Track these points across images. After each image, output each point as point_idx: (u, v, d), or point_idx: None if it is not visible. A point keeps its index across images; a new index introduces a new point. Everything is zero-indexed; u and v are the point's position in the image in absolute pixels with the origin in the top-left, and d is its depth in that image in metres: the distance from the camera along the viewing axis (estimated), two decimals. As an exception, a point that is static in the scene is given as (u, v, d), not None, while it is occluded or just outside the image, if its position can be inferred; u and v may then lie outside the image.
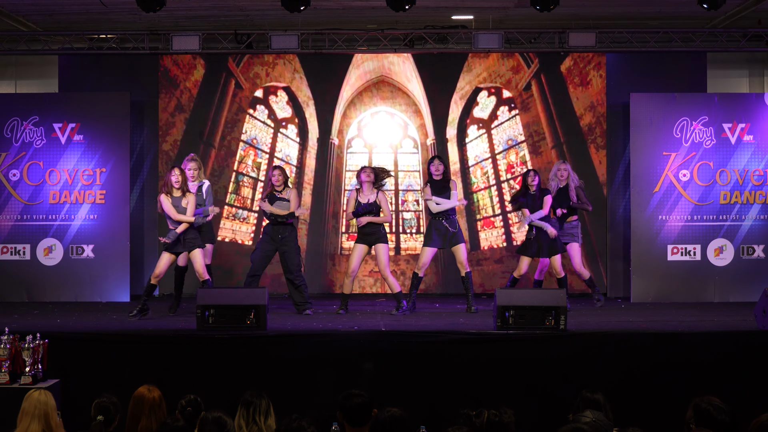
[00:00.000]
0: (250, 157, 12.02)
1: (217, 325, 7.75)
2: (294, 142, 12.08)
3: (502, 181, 12.07)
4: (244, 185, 11.98)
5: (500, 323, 7.75)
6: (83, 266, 11.00)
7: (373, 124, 12.12)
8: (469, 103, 11.99)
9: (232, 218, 11.95)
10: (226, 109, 11.92)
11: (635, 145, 11.02)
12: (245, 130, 12.00)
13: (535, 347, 7.60)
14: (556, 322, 7.69)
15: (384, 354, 7.57)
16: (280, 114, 12.08)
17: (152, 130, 11.59)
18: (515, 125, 11.97)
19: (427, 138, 12.13)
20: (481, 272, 11.83)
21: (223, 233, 11.82)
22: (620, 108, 11.42)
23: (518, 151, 12.00)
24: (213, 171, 11.81)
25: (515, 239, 11.81)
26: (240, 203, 12.01)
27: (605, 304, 10.17)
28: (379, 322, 8.53)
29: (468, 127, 12.00)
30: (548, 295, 7.89)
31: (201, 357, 7.55)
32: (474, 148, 11.99)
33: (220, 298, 7.87)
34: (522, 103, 11.99)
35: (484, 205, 12.02)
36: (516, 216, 11.64)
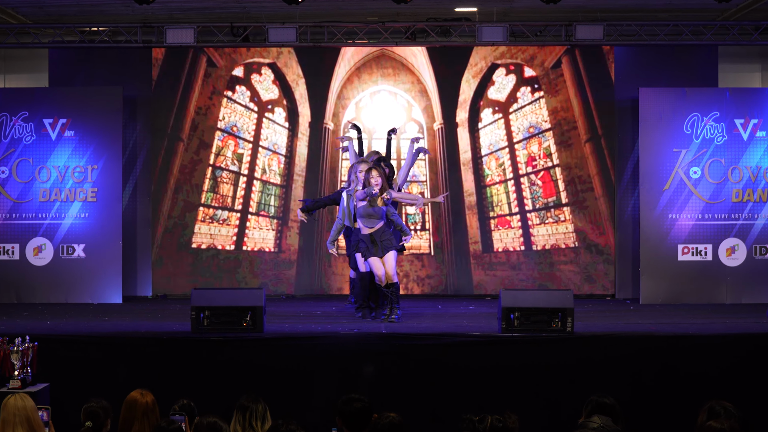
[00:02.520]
0: (229, 147, 11.56)
1: (213, 328, 7.74)
2: (282, 128, 11.61)
3: (522, 174, 11.52)
4: (223, 181, 11.55)
5: (505, 325, 7.74)
6: (74, 266, 10.97)
7: (372, 105, 11.60)
8: (484, 82, 11.46)
9: (209, 221, 11.60)
10: (196, 92, 11.42)
11: (644, 141, 10.99)
12: (222, 117, 11.51)
13: (541, 350, 7.58)
14: (562, 325, 7.67)
15: (385, 357, 7.56)
16: (264, 95, 11.56)
17: (145, 126, 11.55)
18: (539, 110, 11.43)
19: (435, 122, 11.57)
20: (493, 278, 11.44)
21: (198, 239, 11.60)
22: (629, 103, 11.39)
23: (542, 141, 11.48)
24: (182, 168, 11.48)
25: (535, 243, 11.50)
26: (219, 202, 11.61)
27: (614, 306, 10.15)
28: (380, 324, 8.51)
29: (481, 110, 11.51)
30: (555, 296, 7.88)
31: (196, 360, 7.54)
32: (488, 136, 11.52)
33: (216, 299, 7.86)
34: (549, 84, 11.40)
35: (498, 202, 11.55)
36: (537, 216, 11.37)
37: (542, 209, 11.64)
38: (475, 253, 11.54)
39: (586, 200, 11.57)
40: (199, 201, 11.57)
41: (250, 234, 11.67)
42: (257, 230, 11.69)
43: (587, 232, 11.52)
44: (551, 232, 11.62)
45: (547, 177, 11.63)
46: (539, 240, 11.55)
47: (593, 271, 11.48)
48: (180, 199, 11.57)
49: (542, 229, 11.62)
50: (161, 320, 9.02)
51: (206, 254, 11.53)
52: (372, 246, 8.61)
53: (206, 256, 11.53)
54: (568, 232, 11.58)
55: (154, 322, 8.82)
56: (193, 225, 11.55)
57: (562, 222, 11.59)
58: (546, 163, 11.56)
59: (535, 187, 11.66)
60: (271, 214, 11.72)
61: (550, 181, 11.64)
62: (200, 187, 11.57)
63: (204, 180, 11.57)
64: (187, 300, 8.66)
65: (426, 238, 11.64)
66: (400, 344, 7.63)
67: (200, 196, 11.57)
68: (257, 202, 11.77)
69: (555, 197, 11.62)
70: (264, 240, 11.67)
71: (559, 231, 11.59)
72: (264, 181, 11.76)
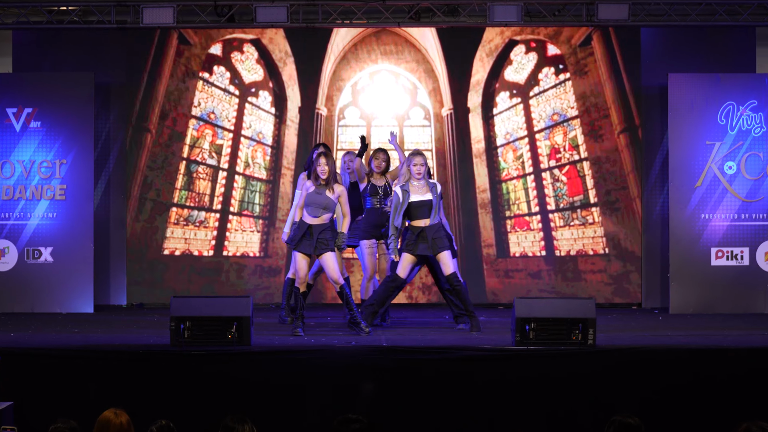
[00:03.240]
0: (206, 138, 11.44)
1: (194, 340, 7.73)
2: (268, 115, 11.48)
3: (543, 169, 11.38)
4: (200, 177, 11.43)
5: (519, 338, 7.73)
6: (40, 272, 10.97)
7: (372, 87, 11.50)
8: (500, 61, 11.34)
9: (184, 223, 11.51)
10: (166, 74, 11.32)
11: (674, 133, 10.99)
12: (197, 102, 11.40)
13: (559, 365, 7.58)
14: (583, 337, 7.67)
15: (385, 373, 7.56)
16: (247, 77, 11.44)
17: (119, 116, 11.55)
18: (564, 95, 11.32)
19: (443, 107, 11.45)
20: (509, 287, 11.34)
21: (171, 245, 11.49)
22: (657, 90, 11.39)
23: (567, 131, 11.39)
24: (150, 163, 11.36)
25: (559, 247, 11.37)
26: (194, 202, 11.48)
27: (640, 316, 10.14)
28: (380, 336, 8.51)
29: (497, 93, 11.38)
30: (575, 305, 7.87)
31: (175, 376, 7.53)
32: (504, 123, 11.40)
33: (198, 308, 7.85)
34: (577, 65, 11.27)
35: (516, 200, 11.43)
36: (560, 217, 11.25)
37: (567, 209, 11.57)
38: (489, 257, 11.50)
39: (619, 200, 11.48)
40: (171, 201, 11.49)
41: (231, 237, 11.62)
42: (240, 233, 11.64)
43: (620, 238, 11.42)
44: (577, 236, 11.53)
45: (573, 172, 11.55)
46: (563, 245, 11.48)
47: (626, 283, 11.42)
48: (148, 199, 11.49)
49: (566, 233, 11.54)
50: (137, 332, 9.02)
51: (181, 262, 11.47)
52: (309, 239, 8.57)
53: (181, 265, 11.47)
54: (596, 236, 11.41)
55: (130, 334, 8.82)
56: (164, 229, 11.48)
57: (590, 225, 11.49)
58: (572, 157, 11.48)
59: (559, 183, 11.58)
60: (255, 214, 11.68)
61: (576, 177, 11.55)
62: (172, 185, 11.48)
63: (177, 176, 11.48)
64: (165, 309, 8.65)
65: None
66: (402, 359, 7.62)
67: (172, 195, 11.48)
68: (239, 201, 11.67)
69: (582, 196, 11.54)
70: (248, 244, 11.61)
71: (586, 235, 11.49)
72: (247, 176, 11.70)
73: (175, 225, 11.46)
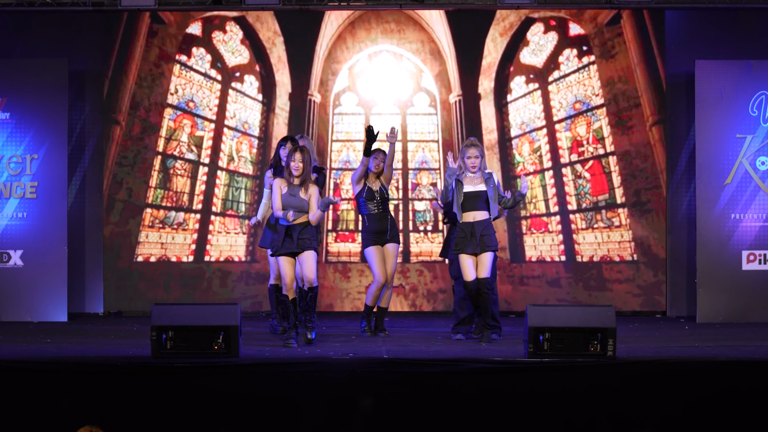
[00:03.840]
0: (184, 129, 11.36)
1: (177, 351, 7.73)
2: (254, 102, 11.40)
3: (564, 164, 11.30)
4: (177, 174, 11.38)
5: (533, 349, 7.73)
6: (9, 277, 10.98)
7: (371, 71, 11.43)
8: (515, 41, 11.23)
9: (160, 226, 11.43)
10: (138, 58, 11.21)
11: (701, 125, 10.98)
12: (174, 89, 11.32)
13: (576, 379, 7.58)
14: (602, 348, 7.66)
15: (386, 387, 7.56)
16: (231, 60, 11.32)
17: (96, 107, 11.55)
18: (589, 80, 11.23)
19: (450, 93, 11.41)
20: (525, 295, 11.28)
21: (145, 250, 11.40)
22: (683, 78, 11.39)
23: (591, 121, 11.30)
24: (120, 159, 11.27)
25: (580, 252, 11.28)
26: (171, 202, 11.42)
27: (664, 325, 10.13)
28: (381, 347, 8.51)
29: (512, 78, 11.34)
30: (593, 313, 7.86)
31: (156, 391, 7.53)
32: (520, 112, 11.32)
33: (181, 317, 7.84)
34: (603, 46, 11.16)
35: (532, 198, 11.38)
36: (583, 219, 11.10)
37: (590, 210, 11.50)
38: (502, 262, 11.47)
39: (651, 201, 11.44)
40: (144, 201, 11.44)
41: (214, 240, 11.58)
42: (223, 235, 11.58)
43: (650, 244, 11.38)
44: (602, 240, 11.46)
45: (598, 168, 11.48)
46: (585, 249, 11.43)
47: (658, 294, 11.36)
48: (118, 200, 11.44)
49: (589, 236, 11.47)
50: (115, 342, 9.02)
51: (156, 270, 11.40)
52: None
53: (156, 273, 11.41)
54: (623, 241, 11.33)
55: (107, 345, 8.82)
56: (137, 233, 11.43)
57: (616, 228, 11.41)
58: (596, 151, 11.42)
59: (582, 180, 11.51)
60: (241, 214, 11.64)
61: (601, 174, 11.48)
62: (146, 183, 11.41)
63: (151, 173, 11.41)
64: (146, 318, 8.65)
65: (439, 241, 11.56)
66: (405, 372, 7.62)
67: (146, 195, 11.41)
68: (222, 199, 11.62)
69: (607, 195, 11.49)
70: (232, 247, 11.55)
71: (612, 239, 11.41)
72: (231, 172, 11.65)
73: (149, 228, 11.38)
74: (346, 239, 11.78)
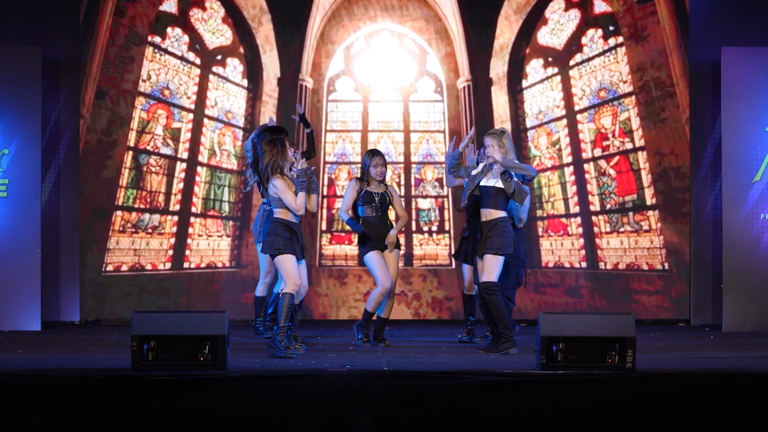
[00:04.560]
0: (158, 121, 11.23)
1: (160, 363, 7.73)
2: (238, 89, 11.25)
3: (586, 159, 11.15)
4: (152, 171, 11.30)
5: (545, 360, 7.73)
6: (-22, 283, 10.99)
7: (370, 52, 11.31)
8: (532, 20, 11.08)
9: (132, 230, 11.28)
10: (103, 40, 11.08)
11: (728, 117, 10.98)
12: (147, 75, 11.17)
13: (592, 392, 7.57)
14: (621, 359, 7.66)
15: (387, 403, 7.55)
16: (211, 41, 11.14)
17: (72, 98, 11.54)
18: (616, 65, 11.06)
19: (459, 77, 11.28)
20: (541, 305, 11.19)
21: (115, 258, 11.27)
22: (708, 67, 11.39)
23: (618, 112, 11.16)
24: (85, 155, 11.11)
25: (604, 259, 11.11)
26: (145, 203, 11.26)
27: (688, 335, 10.13)
28: (380, 359, 8.51)
29: (528, 61, 11.21)
30: (611, 321, 7.85)
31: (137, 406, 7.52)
32: (537, 99, 11.19)
33: (164, 326, 7.84)
34: (633, 26, 10.97)
35: (550, 196, 11.28)
36: (607, 221, 10.88)
37: (616, 211, 11.38)
38: (516, 268, 11.46)
39: (687, 204, 11.36)
40: (113, 203, 11.34)
41: (194, 245, 11.48)
42: (204, 239, 11.48)
43: (685, 252, 11.30)
44: (628, 246, 11.34)
45: (625, 164, 11.36)
46: (610, 255, 11.33)
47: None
48: (84, 201, 11.37)
49: (614, 241, 11.37)
50: (92, 353, 9.02)
51: (128, 281, 11.26)
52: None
53: (129, 284, 11.29)
54: (653, 247, 11.19)
55: (83, 356, 8.82)
56: (105, 239, 11.33)
57: (645, 233, 11.32)
58: (623, 145, 11.32)
59: (606, 178, 11.40)
60: (224, 214, 11.57)
61: (628, 172, 11.36)
62: (115, 183, 11.27)
63: (121, 171, 11.27)
64: (126, 326, 8.65)
65: (445, 243, 11.53)
66: (407, 385, 7.62)
67: (115, 196, 11.29)
68: (203, 198, 11.51)
69: (635, 196, 11.39)
70: (215, 252, 11.43)
71: (640, 245, 11.30)
72: (213, 167, 11.56)
73: (120, 233, 11.26)
74: (341, 241, 11.74)
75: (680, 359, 8.61)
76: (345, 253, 11.65)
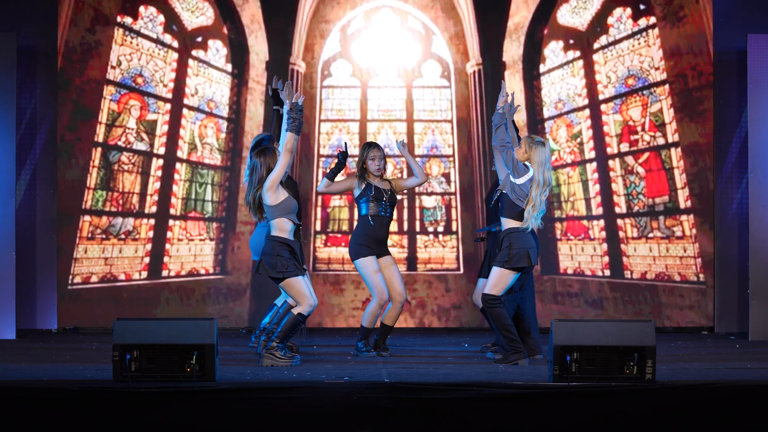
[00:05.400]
0: (130, 112, 11.04)
1: (144, 374, 7.73)
2: (222, 75, 11.06)
3: (611, 155, 10.90)
4: (124, 170, 11.09)
5: (558, 371, 7.73)
6: (-52, 288, 10.99)
7: (369, 32, 11.13)
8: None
9: (102, 237, 11.07)
10: (65, 22, 10.90)
11: (755, 110, 10.99)
12: (117, 61, 10.97)
13: (609, 406, 7.58)
14: (639, 370, 7.67)
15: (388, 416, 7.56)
16: (190, 21, 10.91)
17: (49, 88, 11.54)
18: (647, 49, 10.86)
19: (468, 61, 11.11)
20: (558, 316, 11.04)
21: (83, 269, 11.08)
22: (733, 56, 11.40)
23: (649, 102, 10.96)
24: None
25: (630, 267, 10.81)
26: (117, 206, 11.03)
27: (712, 344, 10.14)
28: (381, 369, 8.52)
29: (546, 43, 11.04)
30: (629, 330, 7.85)
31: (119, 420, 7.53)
32: (556, 86, 11.02)
33: (148, 334, 7.85)
34: (668, 6, 10.72)
35: (570, 195, 11.11)
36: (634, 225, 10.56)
37: (644, 215, 11.24)
38: (531, 273, 11.42)
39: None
40: (79, 206, 11.23)
41: (173, 251, 11.36)
42: (185, 243, 11.34)
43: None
44: (658, 254, 11.18)
45: (656, 162, 11.20)
46: (636, 264, 11.18)
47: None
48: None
49: (642, 247, 11.23)
50: (71, 364, 9.03)
51: (99, 294, 11.12)
52: None
53: (99, 297, 11.17)
54: (687, 256, 11.02)
55: (61, 366, 8.83)
56: (71, 248, 11.21)
57: (677, 239, 11.16)
58: (654, 140, 11.17)
59: (634, 177, 11.27)
60: (207, 215, 11.48)
61: (659, 170, 11.21)
62: (82, 184, 11.13)
63: (88, 170, 11.14)
64: (107, 335, 8.66)
65: (452, 246, 11.48)
66: (409, 398, 7.63)
67: (82, 198, 11.17)
68: (183, 198, 11.37)
69: (668, 198, 11.24)
70: (197, 257, 11.28)
71: (671, 253, 11.12)
72: (194, 163, 11.42)
73: (88, 241, 11.12)
74: (338, 243, 11.70)
75: (704, 370, 8.62)
76: (341, 256, 11.59)
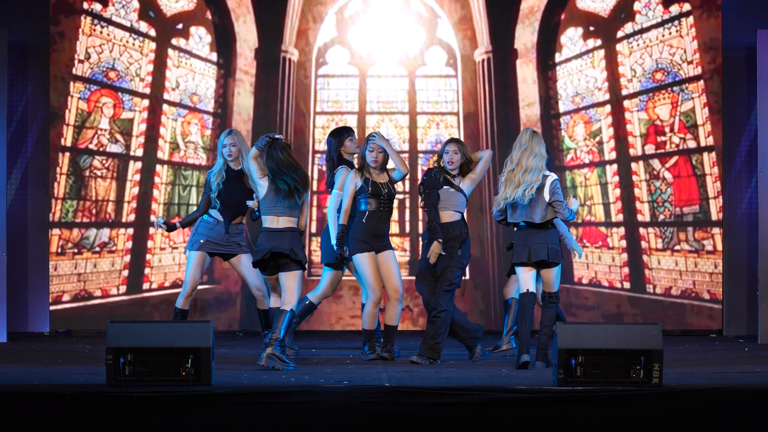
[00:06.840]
0: (102, 111, 10.73)
1: (138, 378, 7.73)
2: (206, 65, 10.71)
3: (635, 157, 10.48)
4: (96, 175, 10.77)
5: (563, 375, 7.73)
6: (-63, 289, 10.98)
7: (367, 16, 10.84)
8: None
9: (74, 251, 10.63)
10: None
11: (765, 107, 10.99)
12: (86, 54, 10.67)
13: (614, 411, 7.57)
14: (646, 374, 7.67)
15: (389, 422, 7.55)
16: (169, 6, 10.54)
17: (41, 85, 11.53)
18: (678, 40, 10.48)
19: (477, 48, 10.77)
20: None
21: (54, 287, 10.67)
22: (743, 51, 11.40)
23: (679, 100, 10.60)
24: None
25: (653, 281, 10.45)
26: (89, 216, 10.73)
27: (720, 347, 10.13)
28: (381, 373, 8.51)
29: (563, 30, 10.73)
30: (635, 333, 7.84)
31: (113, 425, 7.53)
32: (573, 78, 10.71)
33: (142, 337, 7.84)
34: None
35: (588, 199, 10.77)
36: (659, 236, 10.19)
37: (670, 225, 10.97)
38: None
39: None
40: (47, 218, 11.05)
41: (154, 261, 11.13)
42: (168, 252, 11.11)
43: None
44: (685, 268, 10.87)
45: (686, 168, 10.91)
46: (661, 278, 10.92)
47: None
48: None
49: (667, 260, 10.95)
50: (64, 367, 9.03)
51: (73, 313, 10.88)
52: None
53: (72, 316, 10.93)
54: (717, 272, 10.74)
55: (54, 369, 8.82)
56: (43, 264, 10.98)
57: (708, 254, 10.89)
58: (684, 143, 10.95)
59: (661, 183, 11.05)
60: None
61: (689, 177, 10.92)
62: (46, 194, 10.87)
63: (56, 178, 10.93)
64: (100, 338, 8.65)
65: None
66: (410, 403, 7.62)
67: (49, 210, 10.95)
68: (165, 204, 11.14)
69: (698, 207, 10.98)
70: (182, 267, 11.06)
71: (700, 268, 10.82)
72: (177, 164, 11.23)
73: (59, 256, 10.92)
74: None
75: (712, 374, 8.61)
76: (339, 259, 11.54)
